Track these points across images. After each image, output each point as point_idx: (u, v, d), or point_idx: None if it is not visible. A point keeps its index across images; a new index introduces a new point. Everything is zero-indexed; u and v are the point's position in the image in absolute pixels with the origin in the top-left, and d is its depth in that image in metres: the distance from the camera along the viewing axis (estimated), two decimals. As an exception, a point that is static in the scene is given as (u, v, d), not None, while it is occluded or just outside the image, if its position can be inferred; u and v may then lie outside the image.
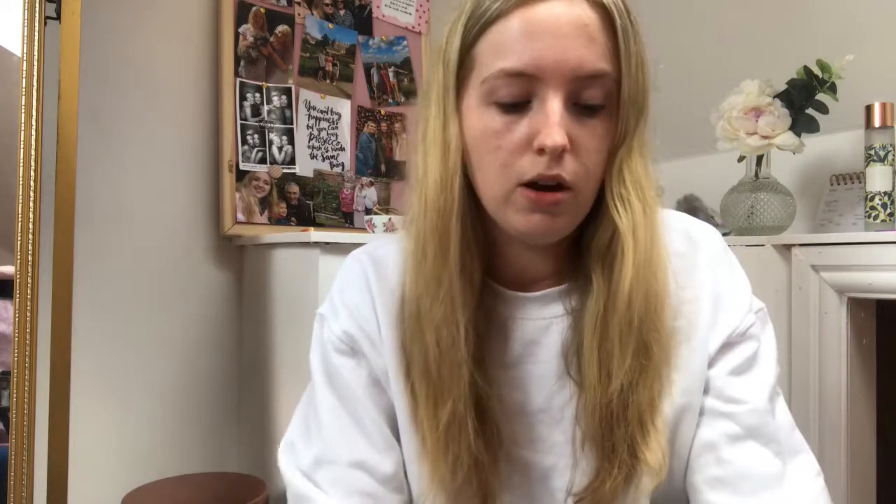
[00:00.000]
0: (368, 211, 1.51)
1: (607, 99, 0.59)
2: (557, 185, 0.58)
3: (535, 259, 0.65)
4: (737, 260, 0.69)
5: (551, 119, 0.56)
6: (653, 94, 0.62)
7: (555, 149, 0.56)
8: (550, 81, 0.57)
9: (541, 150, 0.57)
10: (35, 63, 1.00)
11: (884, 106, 1.14)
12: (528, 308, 0.64)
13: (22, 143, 0.99)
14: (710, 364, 0.64)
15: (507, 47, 0.58)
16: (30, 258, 0.99)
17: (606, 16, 0.58)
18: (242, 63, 1.36)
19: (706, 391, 0.64)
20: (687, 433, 0.63)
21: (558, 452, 0.63)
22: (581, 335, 0.62)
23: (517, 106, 0.58)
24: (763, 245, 1.20)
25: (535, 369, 0.64)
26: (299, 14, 1.44)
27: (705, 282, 0.65)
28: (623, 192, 0.60)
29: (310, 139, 1.44)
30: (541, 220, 0.59)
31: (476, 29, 0.60)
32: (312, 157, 1.44)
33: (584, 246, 0.64)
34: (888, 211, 1.13)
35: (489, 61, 0.59)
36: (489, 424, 0.62)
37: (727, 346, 0.64)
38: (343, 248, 1.11)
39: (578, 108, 0.58)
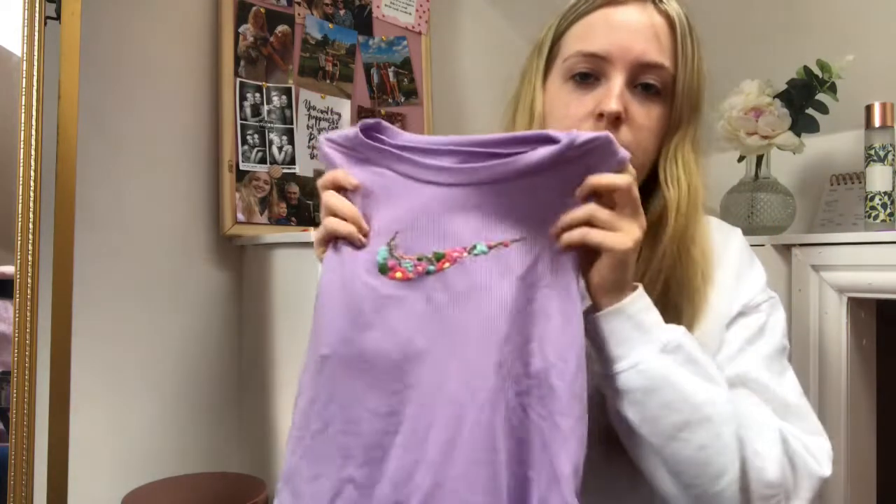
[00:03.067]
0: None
1: (664, 88, 0.72)
2: None
3: None
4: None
5: (612, 91, 0.70)
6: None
7: (611, 113, 0.69)
8: (617, 64, 0.70)
9: (600, 116, 0.70)
10: (35, 63, 1.00)
11: (884, 106, 1.14)
12: None
13: (22, 143, 0.99)
14: (727, 327, 0.74)
15: (586, 36, 0.73)
16: (30, 258, 0.99)
17: (670, 23, 0.72)
18: (242, 63, 1.36)
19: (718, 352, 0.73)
20: None
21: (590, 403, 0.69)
22: None
23: (587, 83, 0.72)
24: (763, 245, 1.20)
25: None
26: (299, 14, 1.44)
27: (733, 261, 0.77)
28: (674, 172, 0.72)
29: (310, 139, 1.44)
30: None
31: (566, 24, 0.76)
32: (312, 157, 1.44)
33: None
34: (888, 211, 1.13)
35: (571, 46, 0.74)
36: None
37: (741, 314, 0.75)
38: (343, 248, 1.11)
39: (638, 90, 0.71)
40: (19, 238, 0.99)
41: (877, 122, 1.14)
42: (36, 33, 1.00)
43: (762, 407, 0.70)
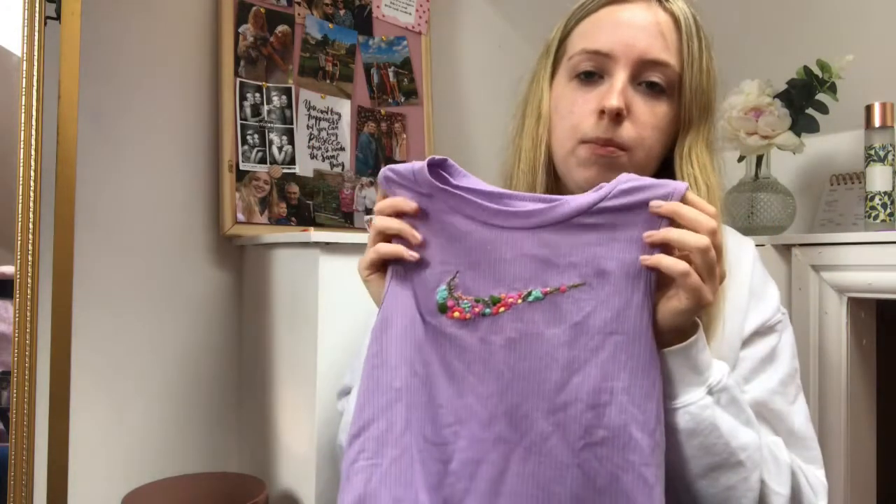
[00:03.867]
0: (368, 211, 1.51)
1: (669, 87, 0.71)
2: (615, 144, 0.70)
3: None
4: None
5: (615, 88, 0.70)
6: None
7: (612, 110, 0.69)
8: (620, 60, 0.70)
9: (601, 112, 0.70)
10: (35, 63, 1.00)
11: (884, 106, 1.14)
12: None
13: (22, 143, 0.99)
14: (742, 346, 0.74)
15: (591, 34, 0.73)
16: (30, 258, 0.99)
17: (676, 21, 0.71)
18: (242, 63, 1.36)
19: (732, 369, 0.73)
20: None
21: None
22: None
23: (591, 81, 0.73)
24: (763, 245, 1.20)
25: None
26: (299, 14, 1.44)
27: (747, 273, 0.76)
28: (691, 172, 0.72)
29: (310, 139, 1.44)
30: (597, 173, 0.71)
31: (572, 23, 0.76)
32: (312, 157, 1.44)
33: None
34: (888, 211, 1.13)
35: (577, 44, 0.74)
36: None
37: (757, 333, 0.74)
38: (343, 249, 1.11)
39: (642, 88, 0.71)
40: (19, 238, 0.99)
41: (877, 122, 1.14)
42: (36, 33, 1.00)
43: (777, 438, 0.71)
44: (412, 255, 0.64)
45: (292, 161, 1.41)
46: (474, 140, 1.74)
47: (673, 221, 0.58)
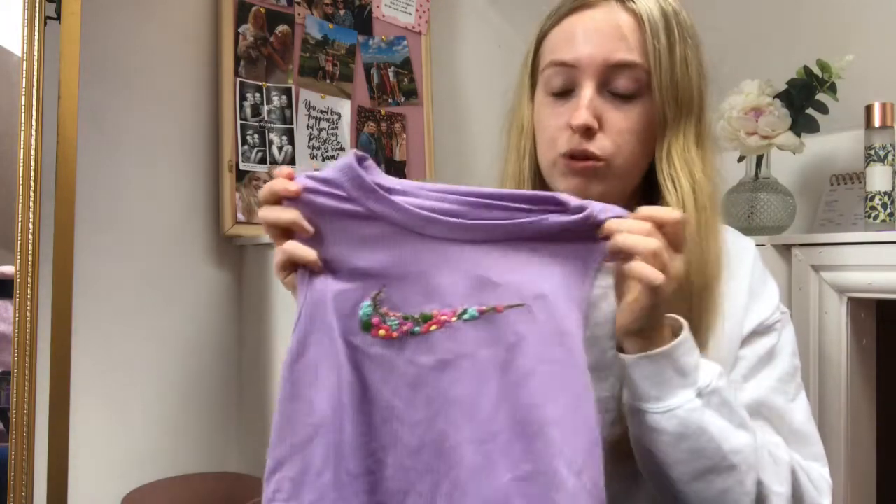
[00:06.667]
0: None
1: (641, 88, 0.70)
2: (591, 157, 0.70)
3: None
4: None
5: (581, 102, 0.69)
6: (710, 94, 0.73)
7: (578, 127, 0.68)
8: (586, 70, 0.69)
9: (572, 129, 0.69)
10: (35, 63, 1.00)
11: (884, 106, 1.13)
12: None
13: (22, 143, 0.99)
14: (741, 345, 0.73)
15: (556, 46, 0.73)
16: (30, 258, 0.99)
17: (638, 19, 0.69)
18: (242, 63, 1.36)
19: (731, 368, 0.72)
20: None
21: (603, 408, 0.67)
22: None
23: (564, 94, 0.72)
24: (763, 245, 1.20)
25: (590, 331, 0.69)
26: (299, 14, 1.44)
27: (747, 273, 0.76)
28: (673, 174, 0.70)
29: (310, 139, 1.44)
30: (578, 184, 0.71)
31: (542, 35, 0.76)
32: (312, 157, 1.44)
33: None
34: (888, 211, 1.13)
35: (546, 57, 0.74)
36: None
37: (756, 332, 0.74)
38: (343, 248, 1.11)
39: (613, 94, 0.70)
40: (19, 238, 0.99)
41: (877, 122, 1.14)
42: (36, 33, 1.00)
43: (776, 437, 0.70)
44: (314, 259, 0.58)
45: (292, 161, 1.41)
46: (474, 140, 1.74)
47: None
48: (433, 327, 0.57)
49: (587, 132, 0.69)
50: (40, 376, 1.00)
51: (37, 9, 1.00)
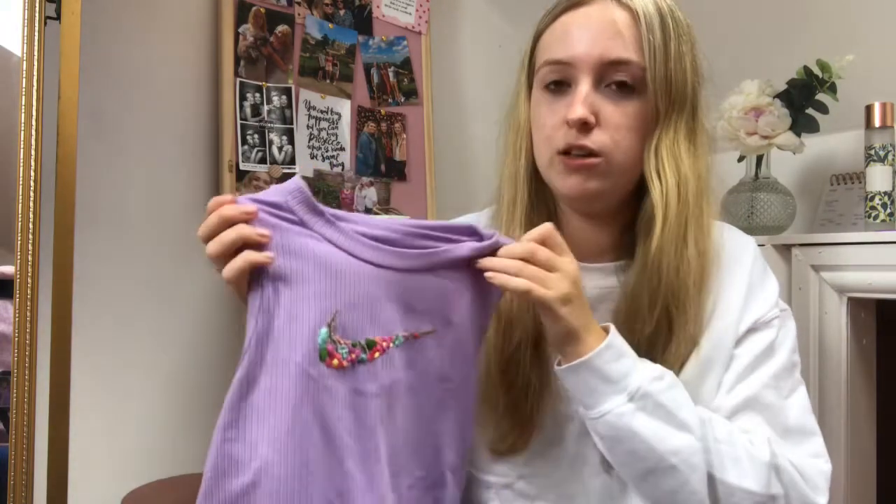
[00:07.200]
0: (368, 211, 1.51)
1: (637, 84, 0.70)
2: (588, 153, 0.69)
3: (594, 232, 0.76)
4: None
5: (577, 97, 0.69)
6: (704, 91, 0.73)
7: (575, 121, 0.68)
8: (582, 67, 0.69)
9: (568, 123, 0.69)
10: (35, 63, 1.00)
11: (884, 106, 1.13)
12: (586, 278, 0.70)
13: (22, 143, 0.99)
14: (737, 344, 0.73)
15: (552, 44, 0.73)
16: (30, 258, 0.99)
17: (633, 16, 0.69)
18: (242, 63, 1.36)
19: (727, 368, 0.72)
20: (707, 397, 0.71)
21: None
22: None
23: (559, 91, 0.72)
24: (763, 245, 1.20)
25: None
26: (299, 14, 1.44)
27: (745, 272, 0.75)
28: (659, 167, 0.70)
29: (310, 139, 1.44)
30: (575, 182, 0.70)
31: (538, 34, 0.76)
32: (312, 156, 1.44)
33: (636, 224, 0.74)
34: (888, 211, 1.13)
35: (542, 55, 0.74)
36: (543, 361, 0.71)
37: (752, 329, 0.73)
38: (343, 248, 1.11)
39: (610, 90, 0.70)
40: (19, 238, 0.99)
41: (877, 122, 1.14)
42: (36, 33, 1.00)
43: (757, 435, 0.69)
44: (268, 259, 0.56)
45: (292, 161, 1.41)
46: (474, 140, 1.74)
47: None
48: (377, 354, 0.60)
49: (584, 126, 0.68)
50: (40, 376, 1.00)
51: (37, 9, 1.00)
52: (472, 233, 0.64)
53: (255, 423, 0.55)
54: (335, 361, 0.57)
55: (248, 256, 0.57)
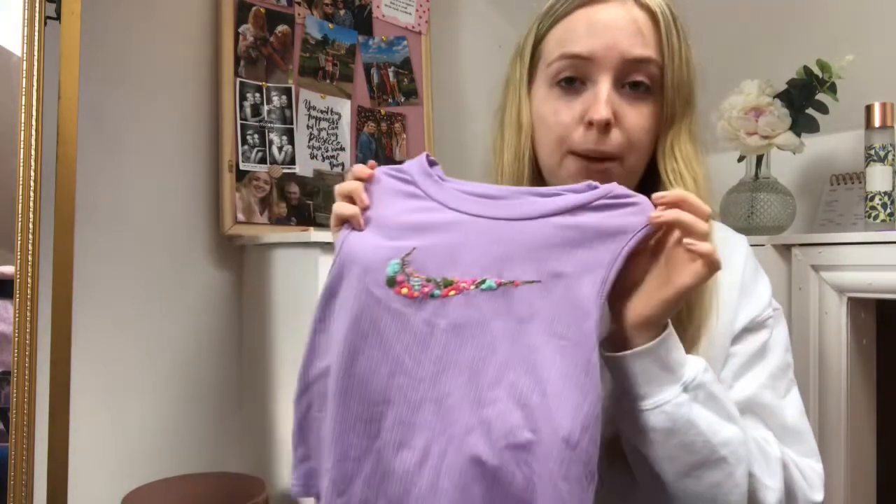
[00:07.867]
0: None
1: (653, 83, 0.70)
2: (607, 157, 0.69)
3: None
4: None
5: (600, 97, 0.68)
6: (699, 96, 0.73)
7: (600, 122, 0.67)
8: (602, 64, 0.68)
9: (590, 124, 0.68)
10: (35, 63, 1.00)
11: (884, 106, 1.14)
12: None
13: (22, 143, 0.99)
14: (732, 342, 0.73)
15: (569, 38, 0.70)
16: (30, 258, 0.99)
17: (652, 15, 0.69)
18: (242, 63, 1.36)
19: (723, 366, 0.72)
20: None
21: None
22: None
23: (574, 88, 0.70)
24: (763, 245, 1.20)
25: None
26: (299, 14, 1.44)
27: (738, 271, 0.75)
28: (676, 167, 0.70)
29: (310, 139, 1.44)
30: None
31: (546, 26, 0.73)
32: (312, 157, 1.44)
33: None
34: (888, 211, 1.13)
35: (554, 49, 0.71)
36: None
37: (747, 329, 0.73)
38: (343, 248, 1.11)
39: (627, 90, 0.69)
40: (19, 238, 0.99)
41: (877, 122, 1.14)
42: (36, 33, 1.00)
43: (767, 433, 0.70)
44: (355, 213, 0.64)
45: (292, 161, 1.41)
46: (474, 140, 1.74)
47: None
48: (451, 293, 0.61)
49: (605, 127, 0.68)
50: (40, 376, 1.00)
51: (37, 9, 1.00)
52: (588, 188, 0.62)
53: (333, 323, 0.64)
54: (404, 290, 0.61)
55: (339, 209, 0.65)
